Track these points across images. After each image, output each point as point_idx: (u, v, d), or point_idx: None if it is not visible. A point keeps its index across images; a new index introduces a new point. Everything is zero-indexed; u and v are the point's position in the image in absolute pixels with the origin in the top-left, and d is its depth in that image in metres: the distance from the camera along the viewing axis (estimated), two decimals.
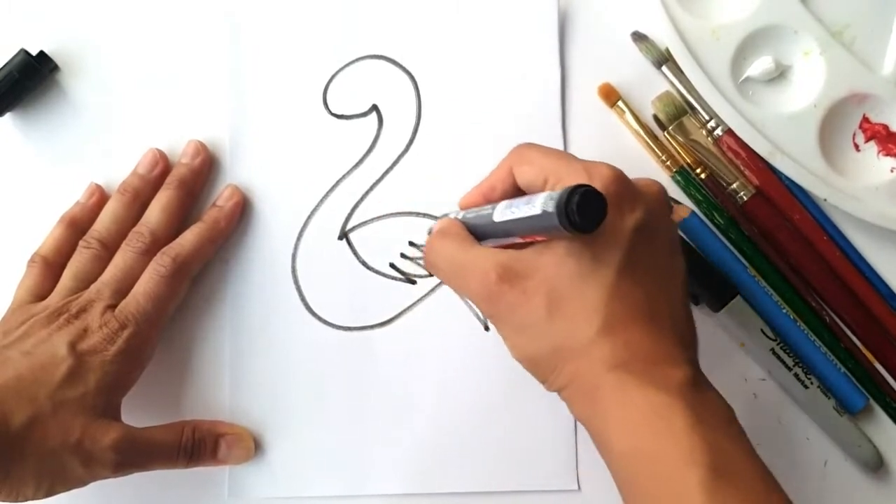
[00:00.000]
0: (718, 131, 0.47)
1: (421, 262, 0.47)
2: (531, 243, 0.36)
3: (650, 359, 0.34)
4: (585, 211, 0.31)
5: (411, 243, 0.47)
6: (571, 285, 0.34)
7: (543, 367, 0.35)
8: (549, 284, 0.34)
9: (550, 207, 0.32)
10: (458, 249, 0.37)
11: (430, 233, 0.41)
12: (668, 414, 0.32)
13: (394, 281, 0.47)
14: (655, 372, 0.33)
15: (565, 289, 0.34)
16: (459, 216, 0.40)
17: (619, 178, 0.35)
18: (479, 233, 0.38)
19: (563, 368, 0.35)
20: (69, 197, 0.47)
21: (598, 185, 0.34)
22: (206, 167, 0.47)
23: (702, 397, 0.34)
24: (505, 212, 0.35)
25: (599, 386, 0.33)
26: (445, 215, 0.42)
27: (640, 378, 0.33)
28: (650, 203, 0.36)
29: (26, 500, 0.40)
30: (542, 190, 0.36)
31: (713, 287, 0.45)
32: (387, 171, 0.47)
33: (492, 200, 0.38)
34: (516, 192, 0.38)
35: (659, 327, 0.35)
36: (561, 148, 0.47)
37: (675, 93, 0.47)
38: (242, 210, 0.47)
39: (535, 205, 0.33)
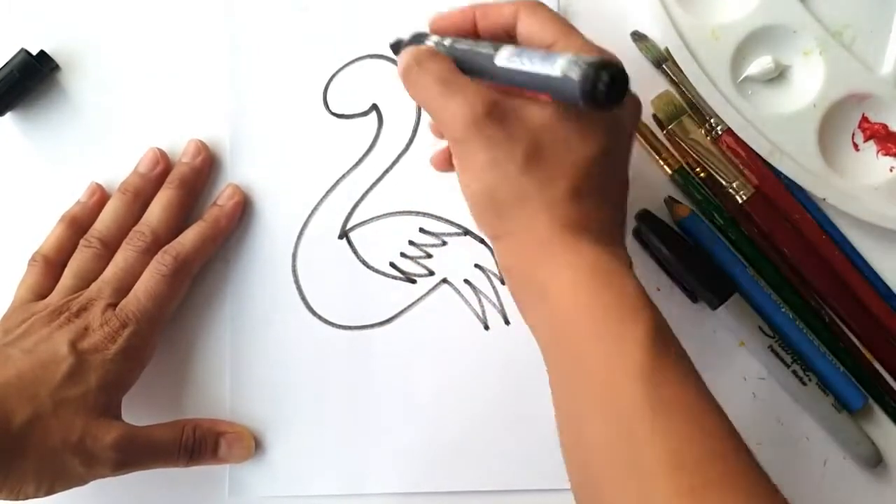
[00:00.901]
0: (718, 131, 0.47)
1: (422, 260, 0.47)
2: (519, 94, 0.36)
3: (606, 232, 0.36)
4: (611, 88, 0.31)
5: (411, 242, 0.47)
6: (555, 145, 0.35)
7: (498, 208, 0.35)
8: (535, 137, 0.35)
9: (575, 75, 0.31)
10: (447, 71, 0.36)
11: (393, 48, 0.40)
12: (619, 278, 0.34)
13: (394, 280, 0.47)
14: (610, 244, 0.35)
15: (548, 145, 0.35)
16: (446, 43, 0.38)
17: (624, 69, 0.35)
18: (468, 68, 0.37)
19: (519, 216, 0.35)
20: (70, 196, 0.47)
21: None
22: (207, 166, 0.47)
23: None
24: (513, 59, 0.35)
25: (553, 239, 0.34)
26: (421, 36, 0.40)
27: (596, 242, 0.35)
28: (632, 108, 0.37)
29: (27, 498, 0.40)
30: (542, 47, 0.36)
31: (711, 285, 0.46)
32: (387, 171, 0.47)
33: (481, 26, 0.38)
34: (503, 34, 0.38)
35: (615, 211, 0.37)
36: None
37: (674, 92, 0.47)
38: (243, 209, 0.47)
39: (554, 66, 0.33)
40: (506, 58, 0.35)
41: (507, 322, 0.47)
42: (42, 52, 0.47)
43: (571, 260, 0.34)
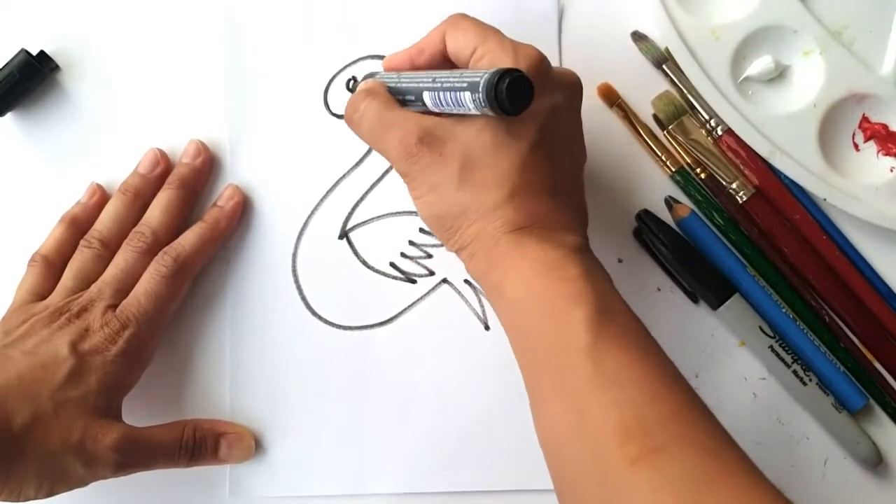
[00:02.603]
0: (718, 131, 0.47)
1: (422, 260, 0.47)
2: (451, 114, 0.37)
3: (549, 225, 0.37)
4: (513, 95, 0.33)
5: (411, 242, 0.47)
6: (485, 154, 0.36)
7: (448, 226, 0.38)
8: (466, 151, 0.36)
9: (480, 88, 0.33)
10: (382, 108, 0.39)
11: (361, 80, 0.42)
12: (560, 264, 0.35)
13: (394, 280, 0.47)
14: (552, 235, 0.37)
15: (479, 157, 0.36)
16: (385, 79, 0.40)
17: (542, 61, 0.37)
18: (404, 100, 0.39)
19: (468, 228, 0.37)
20: (70, 197, 0.47)
21: (522, 65, 0.36)
22: (207, 167, 0.47)
23: (590, 258, 0.37)
24: (432, 85, 0.37)
25: (500, 243, 0.36)
26: (371, 75, 0.42)
27: (538, 238, 0.36)
28: (566, 89, 0.38)
29: (27, 499, 0.40)
30: (468, 59, 0.38)
31: (711, 285, 0.46)
32: (387, 171, 0.47)
33: (418, 64, 0.40)
34: (443, 59, 0.40)
35: (560, 201, 0.38)
36: None
37: (674, 92, 0.47)
38: (243, 210, 0.47)
39: (463, 82, 0.34)
40: (426, 84, 0.37)
41: None
42: (42, 53, 0.47)
43: (516, 259, 0.36)
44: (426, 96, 0.37)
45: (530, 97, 0.34)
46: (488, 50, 0.37)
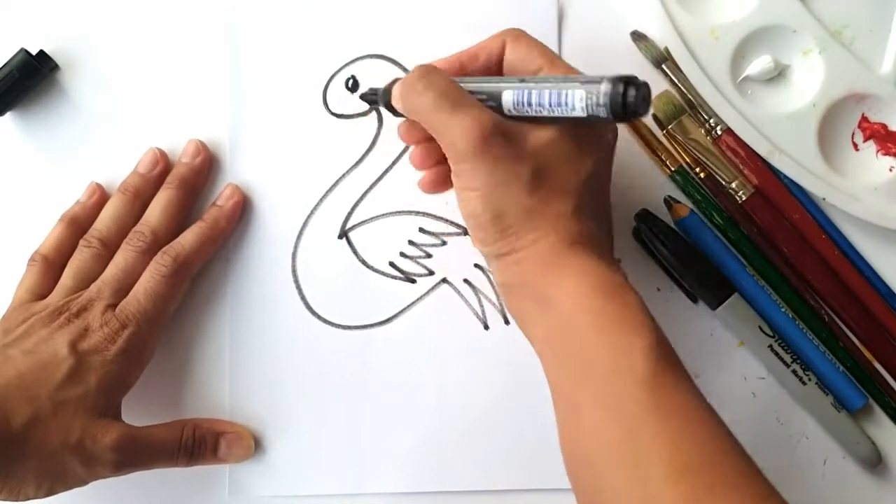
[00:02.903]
0: (717, 130, 0.47)
1: (422, 260, 0.47)
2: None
3: (604, 248, 0.38)
4: (640, 99, 0.33)
5: (411, 242, 0.47)
6: (557, 165, 0.36)
7: (506, 226, 0.36)
8: (541, 156, 0.36)
9: (601, 88, 0.34)
10: (454, 88, 0.37)
11: (380, 98, 0.42)
12: (620, 290, 0.35)
13: (393, 280, 0.47)
14: (608, 258, 0.37)
15: (552, 166, 0.36)
16: (467, 79, 0.39)
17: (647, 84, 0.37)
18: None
19: (528, 233, 0.36)
20: (69, 196, 0.47)
21: None
22: (207, 166, 0.47)
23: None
24: (522, 85, 0.36)
25: (560, 255, 0.36)
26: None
27: (597, 257, 0.36)
28: (614, 130, 0.40)
29: (27, 499, 0.40)
30: (529, 73, 0.38)
31: (711, 284, 0.46)
32: (386, 171, 0.47)
33: (469, 69, 0.39)
34: (497, 68, 0.39)
35: (605, 226, 0.39)
36: None
37: (674, 92, 0.47)
38: (243, 209, 0.47)
39: (572, 82, 0.35)
40: (511, 86, 0.36)
41: (506, 322, 0.47)
42: (41, 52, 0.47)
43: (577, 274, 0.35)
44: (508, 94, 0.36)
45: (650, 103, 0.34)
46: (557, 72, 0.37)
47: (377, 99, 0.43)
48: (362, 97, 0.45)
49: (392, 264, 0.47)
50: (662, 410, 0.32)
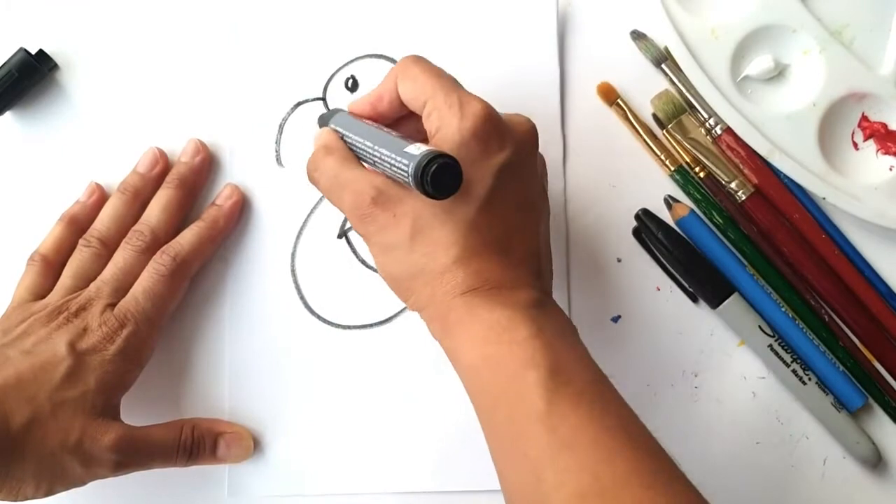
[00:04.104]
0: (717, 130, 0.47)
1: None
2: None
3: (499, 285, 0.36)
4: (439, 184, 0.33)
5: None
6: (434, 217, 0.36)
7: (404, 288, 0.37)
8: (416, 213, 0.36)
9: (409, 174, 0.34)
10: (338, 167, 0.39)
11: (319, 122, 0.43)
12: (511, 326, 0.35)
13: None
14: (502, 295, 0.36)
15: (429, 219, 0.36)
16: (342, 131, 0.40)
17: (490, 116, 0.36)
18: (359, 157, 0.39)
19: (422, 291, 0.37)
20: (69, 196, 0.47)
21: (468, 123, 0.36)
22: (206, 166, 0.47)
23: (544, 313, 0.36)
24: (375, 159, 0.37)
25: (452, 308, 0.36)
26: (332, 113, 0.42)
27: (487, 300, 0.35)
28: (518, 143, 0.37)
29: (26, 499, 0.40)
30: (420, 109, 0.38)
31: (711, 284, 0.46)
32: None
33: (380, 110, 0.40)
34: (397, 104, 0.39)
35: (512, 259, 0.37)
36: (560, 149, 0.47)
37: (674, 91, 0.47)
38: (242, 209, 0.47)
39: (396, 163, 0.35)
40: (375, 153, 0.37)
41: None
42: (41, 52, 0.47)
43: (467, 324, 0.35)
44: (376, 165, 0.37)
45: (457, 184, 0.34)
46: (436, 107, 0.37)
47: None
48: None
49: None
50: (562, 443, 0.32)
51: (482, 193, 0.36)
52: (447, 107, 0.36)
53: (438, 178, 0.33)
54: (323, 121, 0.43)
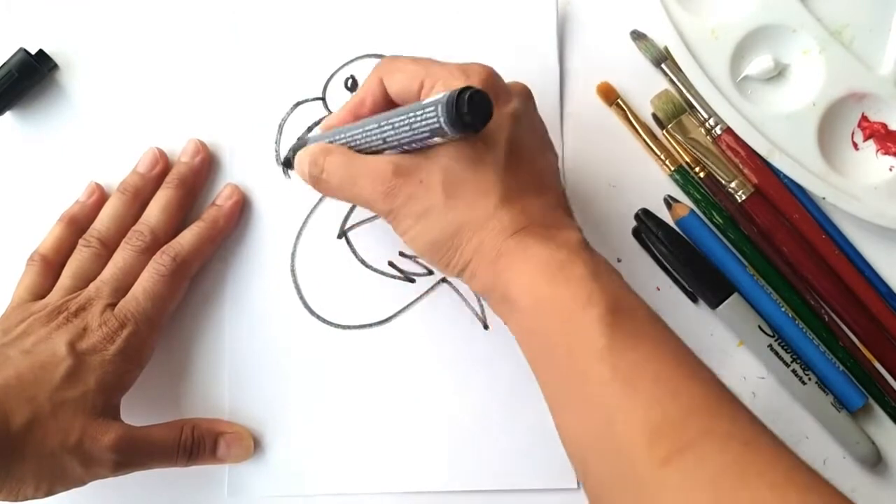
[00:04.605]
0: (717, 130, 0.47)
1: (421, 260, 0.47)
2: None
3: (546, 223, 0.37)
4: (475, 110, 0.33)
5: None
6: (466, 169, 0.36)
7: (446, 249, 0.37)
8: (445, 172, 0.36)
9: (440, 113, 0.33)
10: (347, 159, 0.39)
11: (285, 164, 0.44)
12: (568, 266, 0.35)
13: (393, 279, 0.47)
14: (553, 234, 0.36)
15: (460, 173, 0.36)
16: (338, 139, 0.40)
17: (493, 73, 0.38)
18: (360, 151, 0.39)
19: (466, 246, 0.37)
20: (69, 196, 0.47)
21: (475, 82, 0.36)
22: (206, 166, 0.47)
23: (595, 255, 0.37)
24: (390, 131, 0.36)
25: (503, 251, 0.36)
26: (303, 141, 0.42)
27: (539, 239, 0.36)
28: (520, 94, 0.39)
29: (26, 499, 0.40)
30: (417, 95, 0.38)
31: (710, 284, 0.46)
32: None
33: (361, 116, 0.40)
34: (385, 104, 0.40)
35: (549, 199, 0.38)
36: (559, 148, 0.47)
37: (673, 91, 0.47)
38: (242, 209, 0.47)
39: (420, 115, 0.35)
40: (379, 129, 0.37)
41: None
42: (41, 52, 0.47)
43: (520, 264, 0.35)
44: (388, 141, 0.37)
45: (490, 109, 0.34)
46: (437, 77, 0.37)
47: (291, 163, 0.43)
48: (283, 163, 0.47)
49: (391, 264, 0.47)
50: (625, 380, 0.32)
51: (505, 138, 0.37)
52: (448, 73, 0.37)
53: (473, 106, 0.33)
54: (297, 148, 0.42)
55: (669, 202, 0.47)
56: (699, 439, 0.31)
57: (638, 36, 0.47)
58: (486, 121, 0.34)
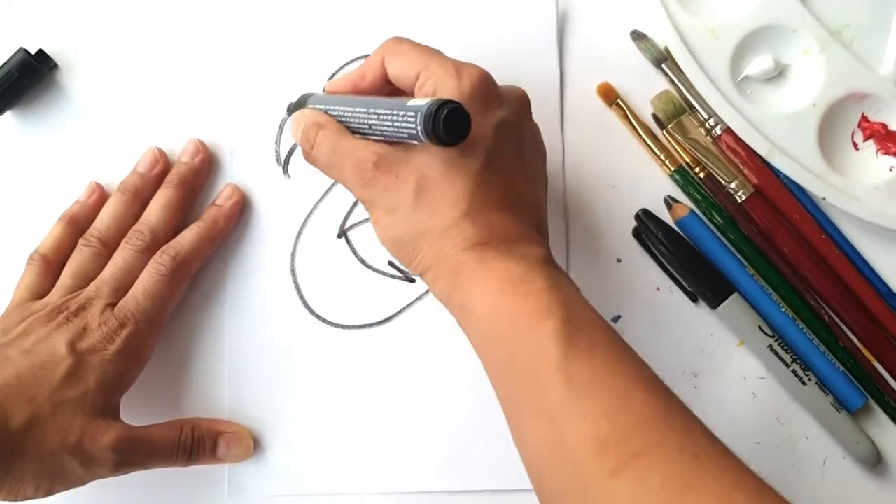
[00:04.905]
0: (717, 130, 0.47)
1: None
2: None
3: (510, 239, 0.36)
4: (451, 128, 0.34)
5: None
6: (439, 174, 0.36)
7: (408, 249, 0.37)
8: (420, 172, 0.36)
9: (418, 124, 0.34)
10: (336, 138, 0.39)
11: (289, 110, 0.44)
12: (526, 278, 0.35)
13: (393, 279, 0.47)
14: (514, 248, 0.36)
15: (433, 177, 0.36)
16: (333, 111, 0.40)
17: (486, 78, 0.38)
18: (351, 129, 0.39)
19: (428, 250, 0.37)
20: (69, 195, 0.47)
21: (466, 84, 0.36)
22: (206, 166, 0.47)
23: (555, 268, 0.37)
24: (376, 122, 0.37)
25: (462, 262, 0.36)
26: (306, 97, 0.42)
27: (499, 253, 0.36)
28: (513, 104, 0.39)
29: (26, 499, 0.40)
30: (412, 84, 0.38)
31: (710, 284, 0.46)
32: None
33: (360, 88, 0.40)
34: (384, 82, 0.40)
35: (518, 214, 0.38)
36: (560, 149, 0.47)
37: (673, 91, 0.47)
38: (242, 209, 0.47)
39: (401, 118, 0.35)
40: (369, 118, 0.37)
41: None
42: (41, 52, 0.47)
43: (480, 277, 0.35)
44: (373, 128, 0.37)
45: (467, 129, 0.34)
46: (432, 73, 0.37)
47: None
48: (288, 111, 0.46)
49: (391, 263, 0.47)
50: (578, 392, 0.32)
51: (485, 148, 0.37)
52: (443, 71, 0.37)
53: (450, 122, 0.33)
54: (298, 105, 0.42)
55: (669, 202, 0.47)
56: (648, 450, 0.31)
57: (638, 36, 0.47)
58: (460, 139, 0.34)
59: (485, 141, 0.37)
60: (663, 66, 0.47)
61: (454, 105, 0.34)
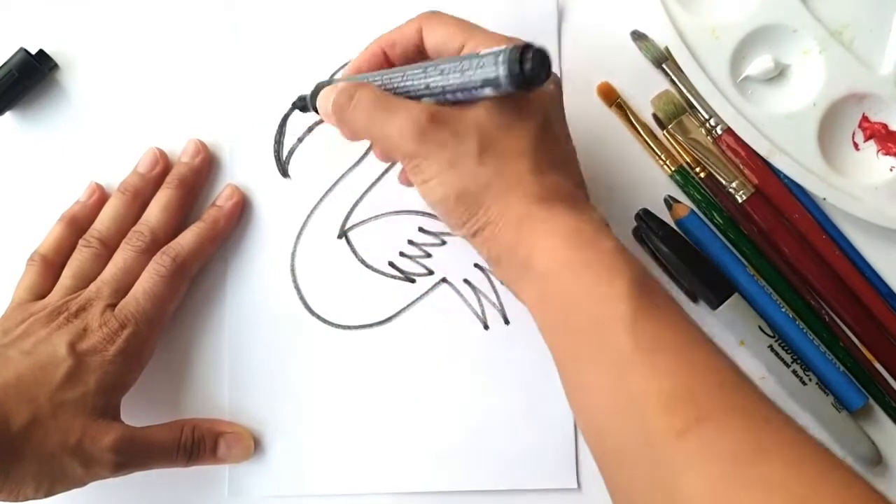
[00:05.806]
0: (717, 130, 0.47)
1: (421, 259, 0.47)
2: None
3: (573, 199, 0.37)
4: (537, 66, 0.33)
5: (410, 242, 0.47)
6: (501, 131, 0.36)
7: (468, 204, 0.37)
8: (481, 129, 0.36)
9: (502, 66, 0.33)
10: (380, 94, 0.38)
11: (294, 105, 0.44)
12: (595, 236, 0.35)
13: (393, 279, 0.47)
14: (579, 208, 0.37)
15: (495, 133, 0.36)
16: (378, 77, 0.39)
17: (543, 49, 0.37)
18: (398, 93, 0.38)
19: (492, 204, 0.36)
20: (69, 196, 0.47)
21: None
22: (206, 166, 0.47)
23: (616, 237, 0.36)
24: (430, 72, 0.36)
25: (529, 215, 0.36)
26: (326, 83, 0.41)
27: (568, 208, 0.36)
28: (555, 82, 0.39)
29: (26, 500, 0.40)
30: (454, 52, 0.38)
31: (711, 284, 0.46)
32: (386, 170, 0.47)
33: (390, 57, 0.40)
34: (416, 53, 0.40)
35: (572, 178, 0.39)
36: None
37: (674, 92, 0.47)
38: (242, 209, 0.47)
39: (476, 62, 0.35)
40: (426, 75, 0.37)
41: (506, 322, 0.47)
42: (41, 52, 0.47)
43: (549, 228, 0.35)
44: (431, 88, 0.36)
45: (549, 69, 0.34)
46: (479, 43, 0.37)
47: (307, 105, 0.43)
48: (293, 105, 0.45)
49: (391, 264, 0.47)
50: (649, 350, 0.32)
51: (540, 115, 0.37)
52: (495, 43, 0.37)
53: (535, 63, 0.33)
54: (313, 95, 0.42)
55: (670, 202, 0.47)
56: (719, 412, 0.31)
57: (638, 36, 0.47)
58: (544, 79, 0.34)
59: (541, 106, 0.37)
60: (663, 66, 0.47)
61: (538, 47, 0.34)
